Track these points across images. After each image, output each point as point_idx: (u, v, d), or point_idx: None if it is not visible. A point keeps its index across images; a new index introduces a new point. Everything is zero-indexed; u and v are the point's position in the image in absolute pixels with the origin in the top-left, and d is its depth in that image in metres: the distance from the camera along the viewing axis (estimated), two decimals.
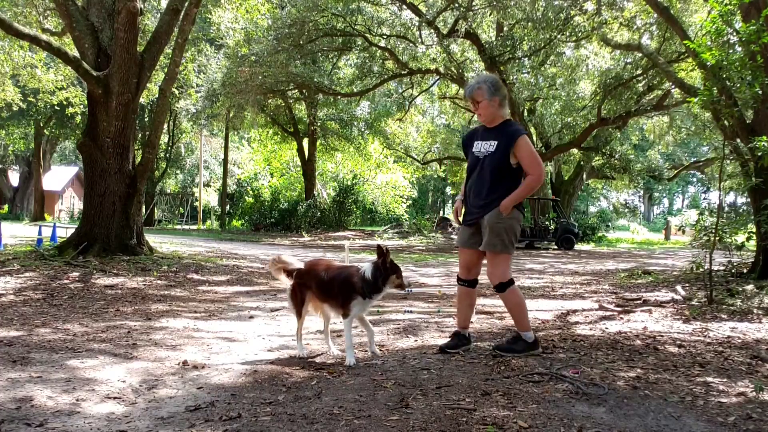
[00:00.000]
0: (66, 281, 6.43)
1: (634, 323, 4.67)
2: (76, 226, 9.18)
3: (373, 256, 3.52)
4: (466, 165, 3.74)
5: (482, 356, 3.47)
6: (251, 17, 16.21)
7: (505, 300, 3.57)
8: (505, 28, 17.84)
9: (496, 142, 3.48)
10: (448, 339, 3.66)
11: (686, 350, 3.69)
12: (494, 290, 3.58)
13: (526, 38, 16.74)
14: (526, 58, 17.92)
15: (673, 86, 16.03)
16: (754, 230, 6.42)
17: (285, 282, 3.64)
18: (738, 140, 6.48)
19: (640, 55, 15.95)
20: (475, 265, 3.64)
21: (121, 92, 8.11)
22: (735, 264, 6.75)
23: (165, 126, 22.20)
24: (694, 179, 56.06)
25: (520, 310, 3.54)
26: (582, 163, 24.27)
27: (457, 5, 15.51)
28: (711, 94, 5.49)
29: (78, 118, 18.47)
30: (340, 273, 3.39)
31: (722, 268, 6.82)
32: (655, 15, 13.28)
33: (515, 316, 3.56)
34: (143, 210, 13.05)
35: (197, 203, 34.64)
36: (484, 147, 3.54)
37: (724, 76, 5.63)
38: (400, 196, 31.47)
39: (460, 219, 3.71)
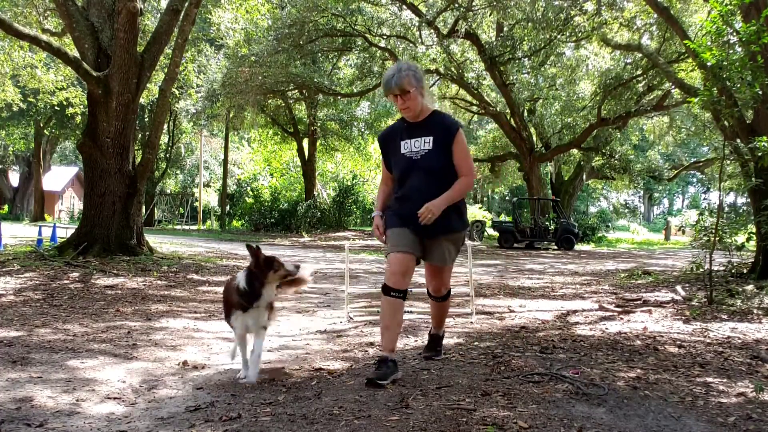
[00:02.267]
0: (66, 281, 6.43)
1: (634, 323, 4.67)
2: (76, 227, 9.18)
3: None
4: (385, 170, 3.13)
5: (482, 356, 3.47)
6: (251, 17, 16.22)
7: (442, 306, 3.34)
8: (505, 29, 17.85)
9: (431, 138, 2.95)
10: (374, 367, 2.96)
11: (686, 350, 3.68)
12: (436, 300, 3.29)
13: (526, 38, 16.76)
14: (526, 59, 17.94)
15: (673, 86, 16.03)
16: (754, 231, 6.42)
17: None
18: (738, 140, 6.47)
19: (640, 55, 15.97)
20: (411, 273, 3.04)
21: (121, 92, 8.11)
22: (735, 264, 6.75)
23: (165, 126, 22.19)
24: (694, 179, 56.05)
25: (448, 312, 3.53)
26: (582, 163, 24.28)
27: (457, 5, 15.52)
28: (711, 95, 5.49)
29: (78, 119, 18.46)
30: (225, 288, 3.07)
31: (722, 268, 6.82)
32: (655, 15, 13.29)
33: (442, 319, 3.41)
34: (143, 210, 13.05)
35: (197, 203, 34.64)
36: (416, 145, 2.98)
37: (725, 76, 5.63)
38: None
39: (384, 237, 3.10)
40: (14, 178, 37.31)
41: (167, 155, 31.10)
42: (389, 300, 2.92)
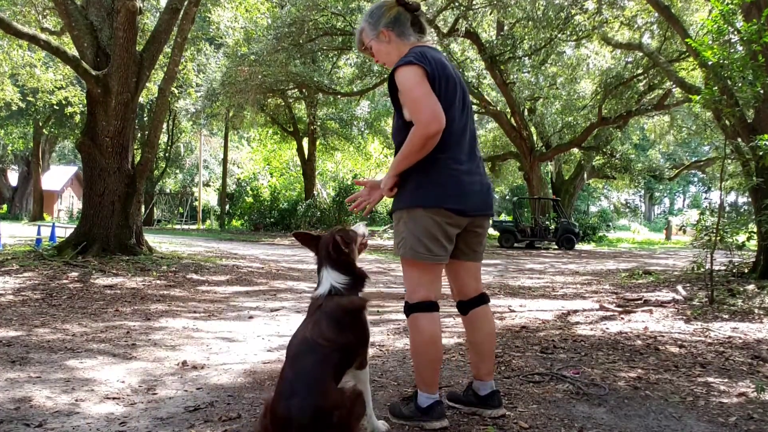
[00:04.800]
0: (65, 281, 6.42)
1: (634, 323, 4.66)
2: (75, 226, 9.17)
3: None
4: None
5: None
6: (251, 16, 16.21)
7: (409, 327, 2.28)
8: (506, 27, 17.84)
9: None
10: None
11: (687, 350, 3.67)
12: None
13: (526, 37, 16.73)
14: (526, 58, 17.91)
15: (674, 85, 16.02)
16: (755, 230, 6.41)
17: None
18: (739, 140, 6.47)
19: (641, 54, 15.95)
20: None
21: (121, 91, 8.09)
22: (736, 264, 6.74)
23: (164, 125, 22.18)
24: (695, 179, 56.05)
25: (419, 360, 2.25)
26: (583, 162, 24.27)
27: (457, 4, 15.49)
28: (712, 94, 5.48)
29: (77, 118, 18.45)
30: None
31: (723, 268, 6.81)
32: (656, 14, 13.28)
33: (414, 364, 2.34)
34: (142, 210, 13.04)
35: (197, 203, 34.64)
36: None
37: (726, 75, 5.62)
38: None
39: None
40: (13, 177, 37.30)
41: (167, 154, 31.08)
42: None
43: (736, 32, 5.85)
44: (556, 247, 18.90)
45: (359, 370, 2.04)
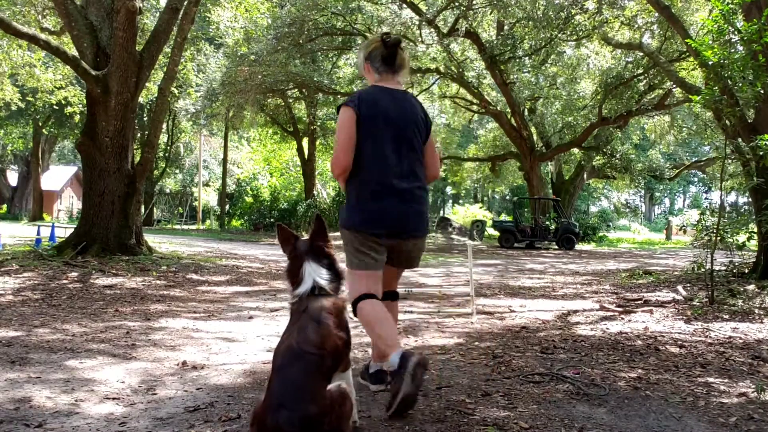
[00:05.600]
0: (65, 281, 6.41)
1: (635, 323, 4.66)
2: (75, 226, 9.17)
3: None
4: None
5: (483, 356, 3.46)
6: (251, 16, 16.21)
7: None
8: (506, 27, 17.84)
9: None
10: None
11: (687, 351, 3.67)
12: None
13: (526, 37, 16.74)
14: (526, 58, 17.92)
15: (674, 85, 16.02)
16: (755, 230, 6.41)
17: None
18: (739, 139, 6.46)
19: (641, 54, 15.96)
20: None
21: (120, 91, 8.09)
22: (736, 264, 6.75)
23: (164, 125, 22.19)
24: (696, 179, 56.08)
25: (370, 336, 2.60)
26: (583, 162, 24.27)
27: (457, 4, 15.50)
28: (712, 93, 5.48)
29: (77, 118, 18.44)
30: None
31: (723, 268, 6.81)
32: (656, 14, 13.27)
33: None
34: (142, 210, 13.04)
35: (196, 203, 34.64)
36: None
37: (726, 75, 5.62)
38: None
39: None
40: (13, 177, 37.30)
41: (166, 154, 31.09)
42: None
43: (736, 32, 5.85)
44: (556, 247, 18.90)
45: (344, 373, 2.03)
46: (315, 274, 2.03)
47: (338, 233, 2.65)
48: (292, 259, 2.12)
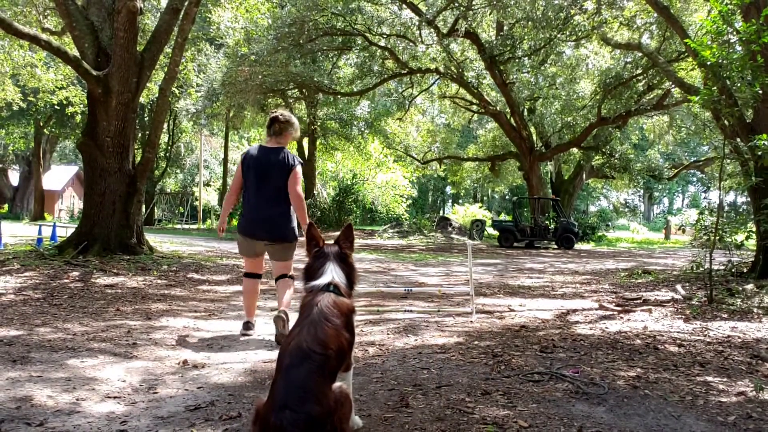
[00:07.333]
0: (66, 281, 6.43)
1: (634, 323, 4.67)
2: (76, 226, 9.18)
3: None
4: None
5: (482, 355, 3.47)
6: (251, 16, 16.20)
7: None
8: (505, 28, 17.85)
9: None
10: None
11: (686, 350, 3.69)
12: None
13: (526, 37, 16.75)
14: (526, 58, 17.94)
15: (673, 85, 16.03)
16: (753, 229, 6.42)
17: None
18: (738, 139, 6.48)
19: (640, 54, 15.96)
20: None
21: (121, 92, 8.10)
22: (735, 263, 6.76)
23: (165, 125, 22.18)
24: (694, 179, 56.09)
25: (244, 298, 4.48)
26: (582, 162, 24.28)
27: (457, 4, 15.51)
28: (711, 94, 5.49)
29: (78, 118, 18.47)
30: None
31: (722, 267, 6.82)
32: (655, 14, 13.29)
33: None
34: (143, 209, 13.05)
35: (197, 203, 34.64)
36: None
37: (725, 75, 5.63)
38: (400, 196, 31.44)
39: None
40: (14, 177, 37.28)
41: (167, 154, 31.09)
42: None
43: (735, 32, 5.86)
44: (555, 246, 18.91)
45: (346, 372, 2.09)
46: (335, 273, 2.16)
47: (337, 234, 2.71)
48: (314, 256, 2.24)
